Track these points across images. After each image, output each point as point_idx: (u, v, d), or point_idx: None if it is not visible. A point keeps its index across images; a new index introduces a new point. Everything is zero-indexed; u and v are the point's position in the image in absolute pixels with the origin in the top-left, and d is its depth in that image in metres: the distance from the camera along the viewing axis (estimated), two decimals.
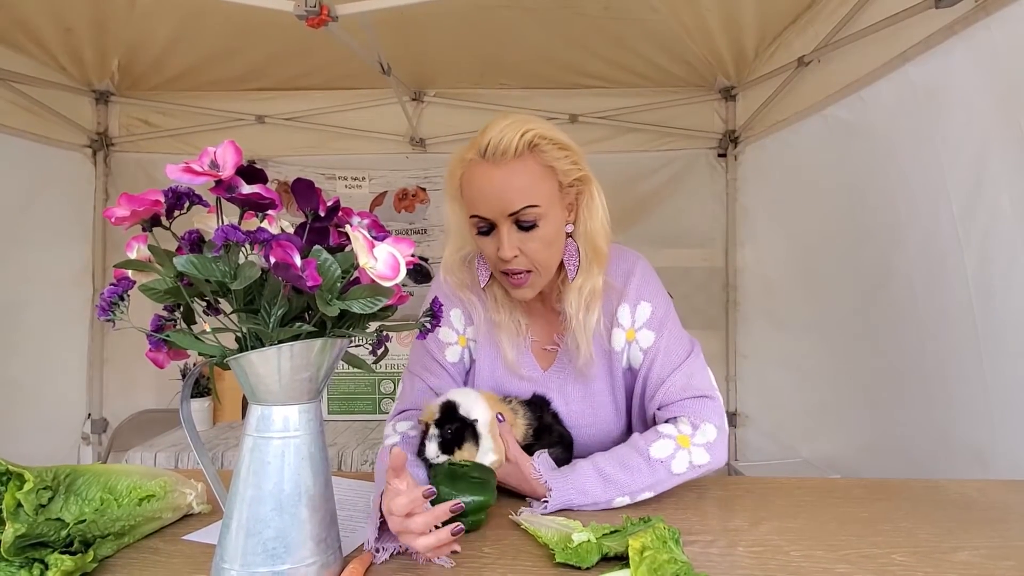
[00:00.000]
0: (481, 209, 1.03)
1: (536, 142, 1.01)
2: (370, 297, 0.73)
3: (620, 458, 1.04)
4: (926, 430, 1.79)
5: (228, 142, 0.70)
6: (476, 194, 1.03)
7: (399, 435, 1.12)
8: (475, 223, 1.06)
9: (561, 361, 1.19)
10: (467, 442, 1.00)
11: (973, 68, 1.54)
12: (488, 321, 1.18)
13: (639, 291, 1.15)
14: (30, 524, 0.77)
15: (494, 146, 1.00)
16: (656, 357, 1.13)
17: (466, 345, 1.20)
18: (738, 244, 2.96)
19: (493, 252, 1.06)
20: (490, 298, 1.18)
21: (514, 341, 1.18)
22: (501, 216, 1.02)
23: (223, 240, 0.68)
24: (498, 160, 1.01)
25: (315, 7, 1.67)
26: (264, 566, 0.74)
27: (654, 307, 1.14)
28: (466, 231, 1.12)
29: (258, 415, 0.78)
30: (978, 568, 0.84)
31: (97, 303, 0.73)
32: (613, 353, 1.16)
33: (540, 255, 1.05)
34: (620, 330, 1.15)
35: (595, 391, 1.18)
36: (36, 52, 2.51)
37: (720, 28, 2.45)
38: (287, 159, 2.99)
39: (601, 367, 1.17)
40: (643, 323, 1.14)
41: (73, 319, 2.88)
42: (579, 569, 0.83)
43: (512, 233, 1.03)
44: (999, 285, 1.52)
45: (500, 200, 1.01)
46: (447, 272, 1.20)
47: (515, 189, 1.01)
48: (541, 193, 1.02)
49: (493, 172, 1.01)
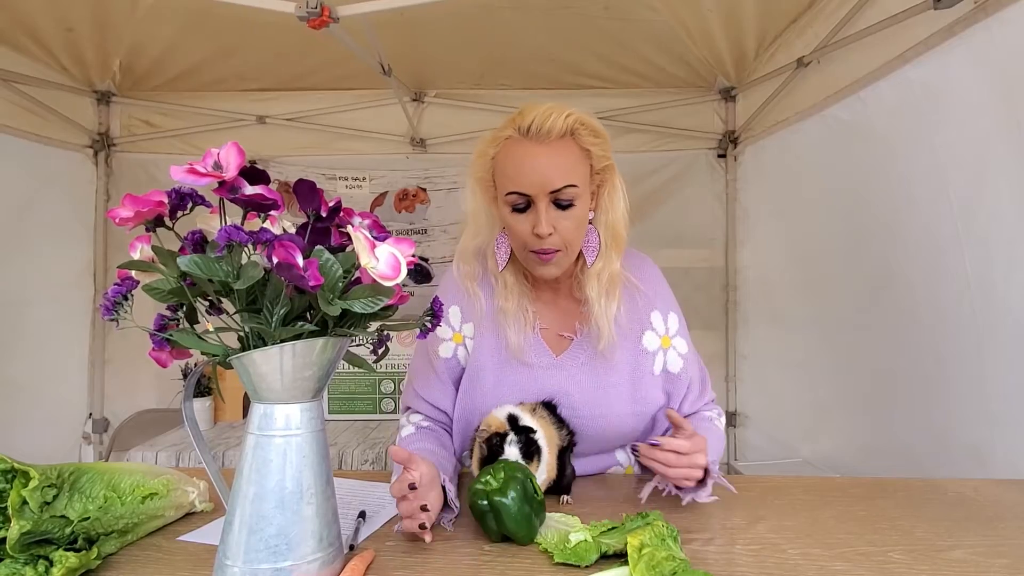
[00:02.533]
0: (522, 185, 1.04)
1: (576, 127, 1.06)
2: (371, 297, 0.74)
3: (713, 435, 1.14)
4: (925, 430, 1.80)
5: (231, 144, 0.71)
6: (516, 171, 1.05)
7: (414, 426, 1.19)
8: (512, 200, 1.06)
9: (576, 349, 1.18)
10: (536, 455, 1.00)
11: (972, 69, 1.54)
12: (493, 309, 1.19)
13: (666, 301, 1.23)
14: (35, 521, 0.78)
15: (538, 125, 1.03)
16: (691, 364, 1.22)
17: (461, 342, 1.21)
18: (738, 244, 2.97)
19: (527, 230, 1.06)
20: (500, 284, 1.17)
21: (519, 328, 1.17)
22: (541, 193, 1.04)
23: (226, 240, 0.69)
24: (542, 139, 1.04)
25: (316, 8, 1.68)
26: (266, 563, 0.75)
27: (679, 317, 1.24)
28: (483, 219, 1.15)
29: (260, 413, 0.78)
30: (974, 566, 0.85)
31: (101, 303, 0.73)
32: (644, 352, 1.18)
33: (571, 234, 1.07)
34: (654, 334, 1.19)
35: (612, 382, 1.17)
36: (38, 52, 2.52)
37: (720, 29, 2.45)
38: (288, 159, 3.00)
39: (624, 362, 1.18)
40: (676, 331, 1.22)
41: (74, 319, 2.89)
42: (578, 567, 0.84)
43: (549, 211, 1.05)
44: (999, 285, 1.52)
45: (543, 177, 1.03)
46: (461, 259, 1.21)
47: (558, 168, 1.03)
48: (579, 174, 1.06)
49: (537, 149, 1.04)
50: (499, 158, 1.09)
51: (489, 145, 1.11)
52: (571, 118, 1.05)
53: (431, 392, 1.22)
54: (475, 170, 1.14)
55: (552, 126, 1.03)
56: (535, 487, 0.94)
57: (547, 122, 1.03)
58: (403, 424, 1.22)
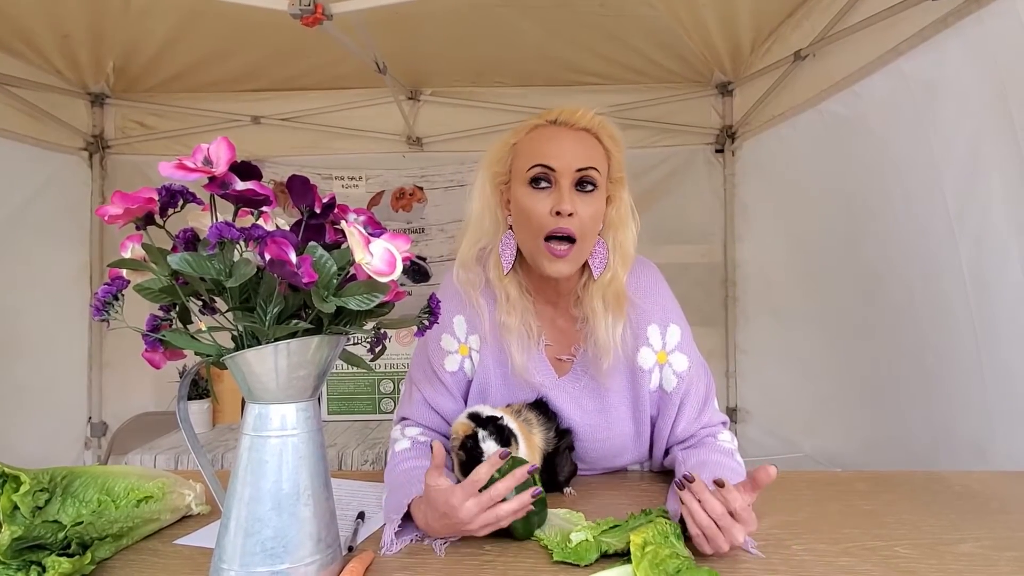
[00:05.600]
0: (549, 158, 1.04)
1: (600, 129, 1.09)
2: (366, 293, 0.73)
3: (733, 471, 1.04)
4: (925, 424, 1.79)
5: (221, 139, 0.70)
6: (544, 146, 1.06)
7: (409, 440, 1.11)
8: (534, 173, 1.04)
9: (576, 371, 1.14)
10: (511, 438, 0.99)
11: (966, 61, 1.53)
12: (496, 324, 1.12)
13: (666, 311, 1.15)
14: (27, 526, 0.77)
15: (568, 115, 1.07)
16: (692, 383, 1.13)
17: (467, 355, 1.15)
18: (736, 240, 2.96)
19: (545, 209, 1.03)
20: (502, 297, 1.12)
21: (524, 345, 1.12)
22: (567, 169, 1.03)
23: (217, 237, 0.68)
24: (571, 126, 1.07)
25: (309, 6, 1.67)
26: (263, 566, 0.74)
27: (682, 329, 1.15)
28: (488, 221, 1.12)
29: (255, 414, 0.77)
30: (981, 559, 0.84)
31: (91, 303, 0.72)
32: (640, 371, 1.12)
33: (588, 225, 1.05)
34: (650, 350, 1.13)
35: (612, 404, 1.13)
36: (30, 55, 2.50)
37: (716, 23, 2.44)
38: (283, 159, 2.98)
39: (622, 382, 1.13)
40: (675, 346, 1.13)
41: (71, 323, 2.86)
42: (578, 567, 0.83)
43: (572, 191, 1.04)
44: (993, 277, 1.51)
45: (571, 153, 1.04)
46: (462, 266, 1.15)
47: (584, 150, 1.06)
48: (600, 167, 1.07)
49: (565, 131, 1.07)
50: (521, 143, 1.09)
51: (511, 136, 1.12)
52: (597, 118, 1.08)
53: (443, 403, 1.15)
54: (489, 162, 1.12)
55: (580, 118, 1.07)
56: (537, 481, 0.93)
57: (575, 114, 1.07)
58: (396, 437, 1.13)
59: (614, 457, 1.19)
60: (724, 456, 1.07)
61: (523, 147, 1.08)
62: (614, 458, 1.20)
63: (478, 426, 0.98)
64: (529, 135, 1.09)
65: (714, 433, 1.14)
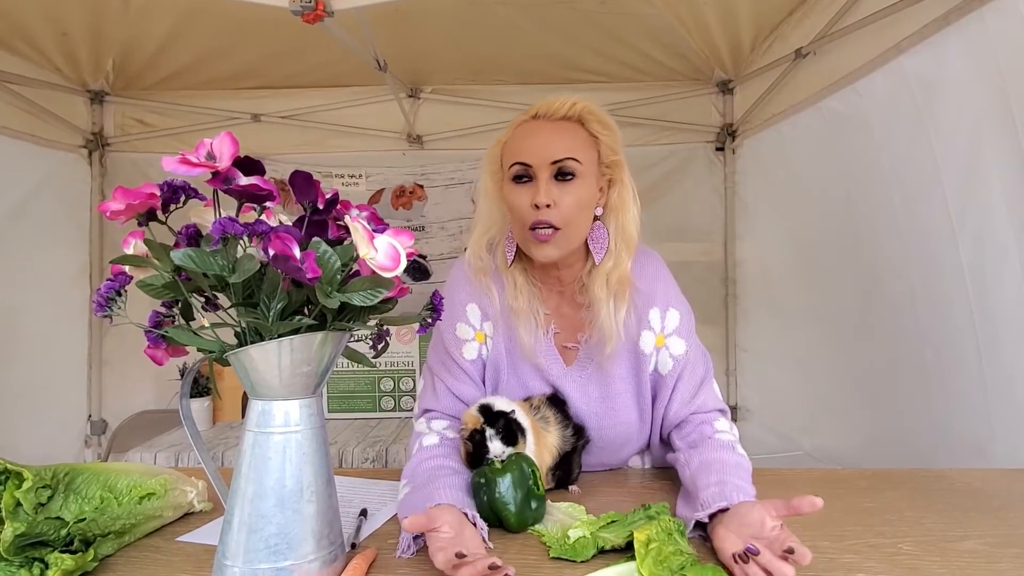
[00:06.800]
0: (524, 155, 1.06)
1: (584, 114, 1.09)
2: (370, 289, 0.72)
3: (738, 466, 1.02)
4: (925, 421, 1.79)
5: (225, 133, 0.69)
6: (521, 143, 1.08)
7: (437, 435, 1.09)
8: (514, 171, 1.08)
9: (582, 359, 1.16)
10: (519, 434, 0.99)
11: (967, 59, 1.53)
12: (506, 308, 1.15)
13: (667, 296, 1.16)
14: (29, 523, 0.77)
15: (546, 108, 1.09)
16: (686, 367, 1.14)
17: (484, 341, 1.17)
18: (737, 238, 2.96)
19: (526, 203, 1.05)
20: (510, 283, 1.15)
21: (531, 330, 1.14)
22: (543, 163, 1.05)
23: (221, 233, 0.67)
24: (549, 118, 1.09)
25: (310, 2, 1.66)
26: (266, 563, 0.74)
27: (682, 314, 1.16)
28: (495, 214, 1.15)
29: (259, 410, 0.77)
30: (985, 556, 0.84)
31: (93, 299, 0.72)
32: (642, 355, 1.14)
33: (571, 213, 1.06)
34: (650, 333, 1.14)
35: (617, 391, 1.15)
36: (29, 52, 2.49)
37: (717, 21, 2.44)
38: (283, 157, 2.97)
39: (626, 367, 1.15)
40: (673, 330, 1.14)
41: (71, 321, 2.86)
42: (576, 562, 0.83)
43: (550, 183, 1.05)
44: (992, 276, 1.51)
45: (545, 147, 1.06)
46: (473, 253, 1.18)
47: (561, 140, 1.07)
48: (583, 154, 1.07)
49: (542, 125, 1.09)
50: (508, 141, 1.12)
51: (503, 134, 1.14)
52: (579, 105, 1.09)
53: (467, 391, 1.15)
54: (488, 161, 1.16)
55: (558, 109, 1.08)
56: (536, 478, 0.94)
57: (553, 105, 1.09)
58: (422, 431, 1.11)
59: (619, 447, 1.20)
60: (725, 451, 1.05)
61: (509, 145, 1.12)
62: (619, 448, 1.20)
63: (487, 421, 0.98)
64: (513, 132, 1.11)
65: (710, 421, 1.12)
